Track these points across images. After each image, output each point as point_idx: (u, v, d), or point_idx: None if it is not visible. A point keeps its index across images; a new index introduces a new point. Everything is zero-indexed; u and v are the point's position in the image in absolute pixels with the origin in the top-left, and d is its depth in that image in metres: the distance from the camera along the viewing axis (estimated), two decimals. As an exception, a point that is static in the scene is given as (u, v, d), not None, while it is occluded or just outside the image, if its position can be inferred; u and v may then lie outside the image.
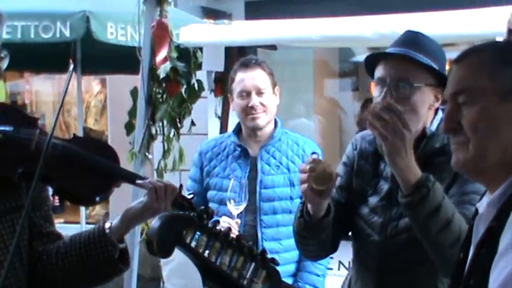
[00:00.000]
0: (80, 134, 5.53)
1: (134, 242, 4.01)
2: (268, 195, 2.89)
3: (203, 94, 4.53)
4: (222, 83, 4.78)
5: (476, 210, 1.37)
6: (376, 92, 1.97)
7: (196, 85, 4.11)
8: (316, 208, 1.94)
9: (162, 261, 5.69)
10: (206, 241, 1.26)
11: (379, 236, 2.01)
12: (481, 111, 1.26)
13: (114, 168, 1.84)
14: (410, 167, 1.78)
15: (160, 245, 1.22)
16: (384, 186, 2.04)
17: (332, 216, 1.99)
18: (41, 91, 8.88)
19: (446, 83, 1.93)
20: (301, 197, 2.32)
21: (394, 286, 2.00)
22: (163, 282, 5.60)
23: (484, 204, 1.33)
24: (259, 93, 2.87)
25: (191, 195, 1.90)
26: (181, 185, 1.87)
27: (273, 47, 4.95)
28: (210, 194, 2.97)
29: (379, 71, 1.98)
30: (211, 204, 2.89)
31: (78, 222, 5.87)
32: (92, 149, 1.84)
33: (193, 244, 1.24)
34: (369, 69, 2.04)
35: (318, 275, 2.96)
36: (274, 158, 2.92)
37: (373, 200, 2.06)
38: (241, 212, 2.72)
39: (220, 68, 4.51)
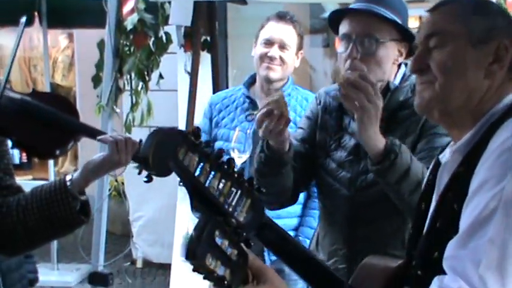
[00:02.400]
0: (47, 90, 5.43)
1: (103, 197, 4.00)
2: None
3: (172, 49, 4.47)
4: (191, 38, 4.72)
5: (438, 161, 1.39)
6: (341, 48, 1.98)
7: (164, 37, 4.05)
8: (278, 143, 1.95)
9: (132, 217, 5.71)
10: (197, 161, 1.20)
11: (348, 190, 2.03)
12: (451, 52, 1.30)
13: (72, 122, 1.85)
14: (378, 135, 1.81)
15: (155, 160, 1.18)
16: (350, 141, 2.06)
17: (292, 154, 2.01)
18: (5, 45, 8.66)
19: (410, 37, 1.95)
20: None
21: (362, 239, 2.02)
22: (133, 237, 5.63)
23: (447, 154, 1.35)
24: (282, 47, 2.85)
25: None
26: (140, 140, 1.86)
27: (243, 2, 4.89)
28: (217, 144, 3.00)
29: (344, 27, 1.98)
30: None
31: (46, 179, 5.81)
32: (51, 103, 1.84)
33: (185, 163, 1.20)
34: (333, 26, 2.05)
35: None
36: None
37: (339, 155, 2.07)
38: (245, 162, 2.74)
39: (188, 22, 4.43)
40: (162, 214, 5.32)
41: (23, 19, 1.72)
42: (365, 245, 2.00)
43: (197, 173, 1.21)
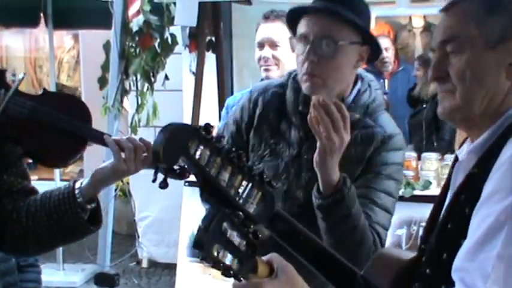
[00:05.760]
0: (53, 90, 5.45)
1: (108, 197, 4.01)
2: None
3: (177, 50, 4.49)
4: (196, 39, 4.73)
5: (456, 157, 1.38)
6: (298, 49, 1.84)
7: (169, 39, 4.06)
8: None
9: (138, 217, 5.72)
10: (209, 155, 1.22)
11: (283, 203, 1.89)
12: (469, 60, 1.26)
13: (85, 130, 1.78)
14: (335, 169, 1.72)
15: (166, 155, 1.18)
16: (288, 151, 1.92)
17: None
18: (11, 46, 8.69)
19: (371, 41, 1.85)
20: None
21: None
22: (139, 237, 5.64)
23: (464, 152, 1.34)
24: (273, 45, 2.86)
25: None
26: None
27: (247, 2, 4.89)
28: None
29: (302, 27, 1.83)
30: None
31: (52, 179, 5.83)
32: (63, 105, 1.77)
33: (196, 156, 1.21)
34: (290, 25, 1.90)
35: None
36: None
37: (275, 164, 1.93)
38: None
39: (193, 23, 4.44)
40: (168, 214, 5.33)
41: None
42: None
43: (208, 166, 1.22)
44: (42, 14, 5.31)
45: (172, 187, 1.39)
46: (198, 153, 1.21)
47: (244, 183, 1.27)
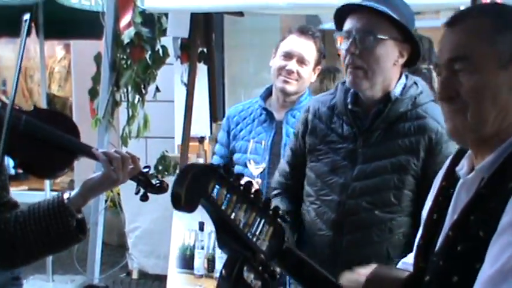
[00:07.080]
0: (44, 100, 5.43)
1: (99, 209, 4.00)
2: None
3: (169, 61, 4.50)
4: (188, 50, 4.74)
5: (453, 171, 1.34)
6: (343, 45, 2.00)
7: (161, 51, 4.07)
8: None
9: (128, 228, 5.69)
10: (225, 194, 1.21)
11: (339, 196, 2.04)
12: (482, 78, 1.22)
13: (74, 144, 1.84)
14: None
15: (187, 199, 1.16)
16: (343, 145, 2.06)
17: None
18: (1, 56, 8.68)
19: (412, 39, 1.96)
20: None
21: (347, 246, 2.02)
22: (129, 248, 5.61)
23: (464, 169, 1.30)
24: (301, 62, 2.86)
25: (146, 169, 1.90)
26: (138, 158, 1.86)
27: (240, 14, 4.91)
28: (236, 156, 3.02)
29: (346, 25, 2.00)
30: (236, 167, 2.99)
31: (42, 190, 5.80)
32: (53, 122, 1.83)
33: (214, 197, 1.20)
34: (337, 24, 2.05)
35: None
36: None
37: (332, 160, 2.08)
38: (261, 173, 2.79)
39: (185, 34, 4.46)
40: (158, 225, 5.31)
41: (26, 17, 1.68)
42: (349, 252, 2.00)
43: (224, 206, 1.22)
44: (33, 24, 5.29)
45: (163, 198, 1.39)
46: (215, 193, 1.20)
47: (257, 219, 1.27)
